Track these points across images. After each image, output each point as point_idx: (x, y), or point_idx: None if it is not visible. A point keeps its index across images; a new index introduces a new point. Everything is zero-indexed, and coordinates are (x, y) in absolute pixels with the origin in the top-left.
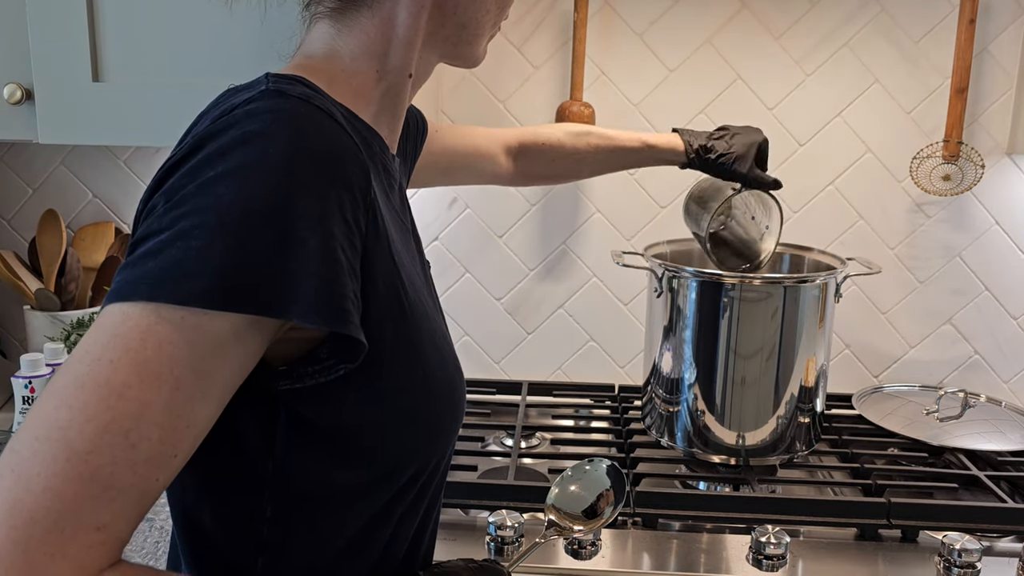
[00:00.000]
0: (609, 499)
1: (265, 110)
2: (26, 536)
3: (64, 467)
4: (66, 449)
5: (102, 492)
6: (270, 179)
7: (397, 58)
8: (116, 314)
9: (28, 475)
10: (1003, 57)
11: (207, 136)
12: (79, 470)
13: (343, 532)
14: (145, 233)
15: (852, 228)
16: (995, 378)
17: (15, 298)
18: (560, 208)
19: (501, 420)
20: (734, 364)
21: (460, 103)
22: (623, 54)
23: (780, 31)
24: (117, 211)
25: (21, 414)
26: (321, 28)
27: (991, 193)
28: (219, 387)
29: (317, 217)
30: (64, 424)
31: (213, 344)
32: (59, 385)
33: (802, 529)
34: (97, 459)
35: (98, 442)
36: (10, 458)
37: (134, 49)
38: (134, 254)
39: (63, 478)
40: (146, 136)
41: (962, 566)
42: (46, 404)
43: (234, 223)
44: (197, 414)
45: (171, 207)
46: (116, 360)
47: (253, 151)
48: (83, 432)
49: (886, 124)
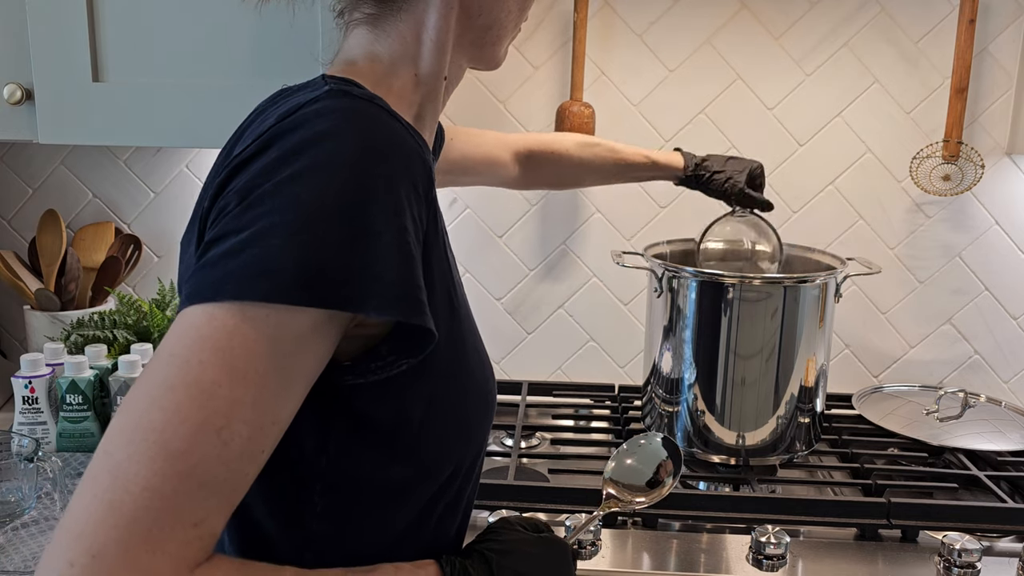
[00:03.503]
0: (668, 469)
1: (333, 109)
2: (128, 535)
3: (162, 466)
4: (162, 450)
5: (198, 489)
6: (344, 177)
7: (432, 61)
8: (200, 315)
9: (126, 476)
10: (1003, 57)
11: (277, 135)
12: (176, 468)
13: (389, 528)
14: (221, 233)
15: (852, 228)
16: (995, 378)
17: (15, 298)
18: (560, 208)
19: (501, 420)
20: (734, 364)
21: (460, 103)
22: (623, 54)
23: (780, 31)
24: (117, 211)
25: (21, 414)
26: (359, 34)
27: (991, 193)
28: (300, 383)
29: (390, 212)
30: (159, 426)
31: (295, 341)
32: (148, 387)
33: (802, 529)
34: (192, 457)
35: (192, 441)
36: (104, 461)
37: (134, 49)
38: (211, 254)
39: (161, 477)
40: (146, 136)
41: (962, 566)
42: (136, 407)
43: (313, 221)
44: (281, 410)
45: (247, 207)
46: (205, 360)
47: (326, 150)
48: (178, 432)
49: (886, 124)
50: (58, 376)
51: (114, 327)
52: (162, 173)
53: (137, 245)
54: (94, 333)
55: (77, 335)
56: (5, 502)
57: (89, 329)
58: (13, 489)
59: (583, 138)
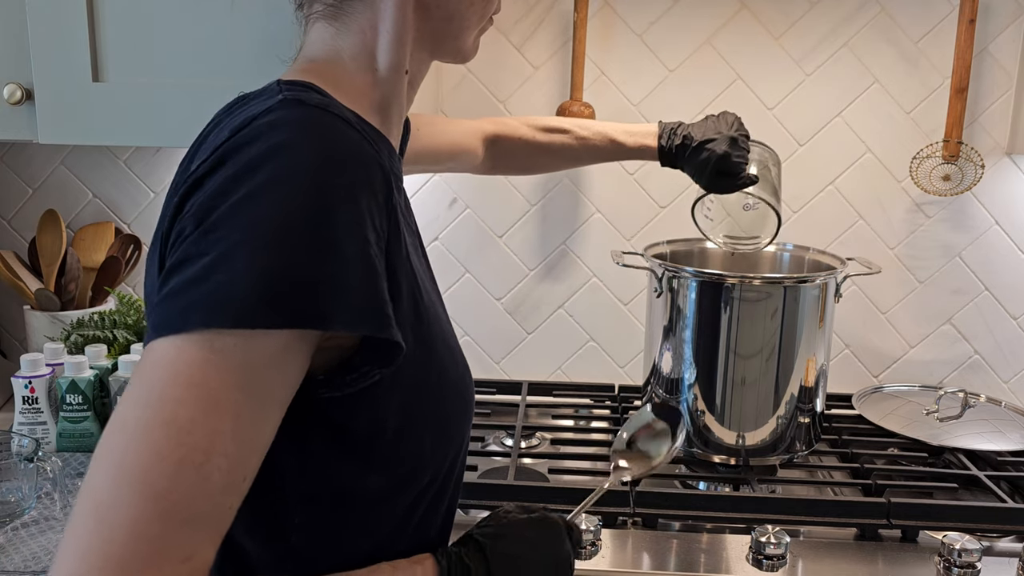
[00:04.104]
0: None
1: (287, 121)
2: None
3: (144, 508)
4: (144, 490)
5: (183, 526)
6: (302, 191)
7: (391, 55)
8: (169, 349)
9: (112, 521)
10: (1003, 57)
11: (231, 150)
12: (160, 508)
13: (369, 535)
14: (182, 258)
15: (852, 228)
16: (995, 378)
17: (15, 298)
18: (560, 208)
19: (501, 420)
20: (734, 364)
21: (460, 103)
22: (623, 54)
23: (780, 31)
24: (117, 211)
25: (21, 414)
26: (319, 29)
27: (991, 193)
28: (276, 406)
29: (353, 224)
30: (139, 467)
31: (268, 365)
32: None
33: (802, 529)
34: (175, 495)
35: (174, 480)
36: (89, 502)
37: (134, 49)
38: (173, 282)
39: (147, 519)
40: (146, 136)
41: (962, 566)
42: (116, 446)
43: (274, 240)
44: (260, 436)
45: (206, 231)
46: (179, 397)
47: (281, 164)
48: (159, 472)
49: (886, 124)
50: (58, 376)
51: (114, 327)
52: (162, 173)
53: (137, 245)
54: (94, 333)
55: (77, 335)
56: (5, 502)
57: (89, 329)
58: (13, 489)
59: (548, 122)
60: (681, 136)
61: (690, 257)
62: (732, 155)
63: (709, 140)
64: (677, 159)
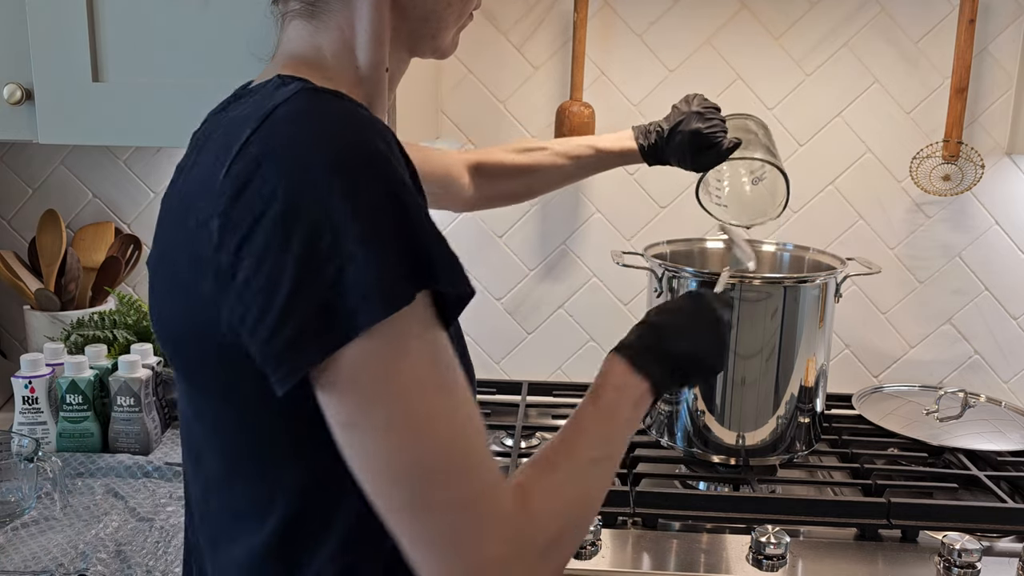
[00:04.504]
0: None
1: (318, 111)
2: (478, 479)
3: (461, 467)
4: (453, 459)
5: (483, 459)
6: (370, 171)
7: (371, 53)
8: (357, 359)
9: (435, 490)
10: (1003, 57)
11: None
12: (469, 462)
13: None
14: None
15: (852, 228)
16: (995, 378)
17: (15, 298)
18: (560, 208)
19: (501, 420)
20: (734, 364)
21: (460, 103)
22: (623, 54)
23: (780, 31)
24: (117, 211)
25: (21, 414)
26: (297, 27)
27: (991, 193)
28: (451, 353)
29: (411, 192)
30: (420, 459)
31: (429, 328)
32: (388, 447)
33: (802, 529)
34: (464, 446)
35: (448, 449)
36: (412, 479)
37: (134, 49)
38: (287, 309)
39: (468, 471)
40: (146, 136)
41: (962, 566)
42: (398, 460)
43: (374, 222)
44: (462, 380)
45: (306, 240)
46: (402, 386)
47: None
48: (437, 449)
49: (886, 124)
50: (58, 376)
51: (114, 327)
52: (162, 173)
53: (137, 245)
54: (94, 333)
55: (77, 335)
56: (5, 502)
57: (89, 329)
58: (13, 489)
59: (525, 143)
60: (654, 132)
61: (690, 257)
62: (703, 129)
63: (678, 124)
64: (661, 154)
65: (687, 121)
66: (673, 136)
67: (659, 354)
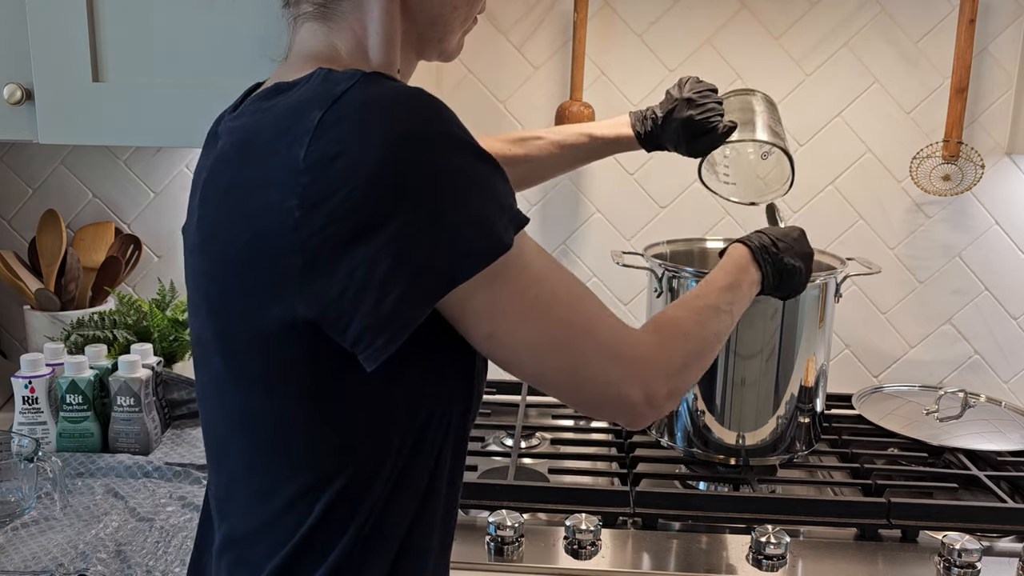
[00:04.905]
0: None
1: (391, 93)
2: (608, 328)
3: (589, 319)
4: (580, 310)
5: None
6: (451, 141)
7: (383, 53)
8: (516, 262)
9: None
10: (1003, 57)
11: (350, 133)
12: (608, 319)
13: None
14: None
15: (852, 228)
16: (995, 378)
17: (15, 298)
18: (560, 208)
19: (501, 420)
20: (734, 364)
21: (460, 103)
22: (623, 54)
23: (780, 31)
24: (117, 211)
25: (21, 414)
26: (311, 28)
27: (991, 193)
28: None
29: (483, 149)
30: (571, 310)
31: (525, 238)
32: (539, 325)
33: (802, 529)
34: (587, 304)
35: (579, 300)
36: (567, 335)
37: (134, 49)
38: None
39: (595, 323)
40: (146, 136)
41: (962, 566)
42: (547, 311)
43: (467, 177)
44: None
45: (428, 208)
46: (547, 269)
47: (425, 127)
48: (578, 306)
49: (886, 124)
50: (58, 376)
51: (114, 327)
52: (162, 173)
53: (137, 245)
54: (94, 333)
55: (77, 335)
56: (5, 502)
57: (89, 329)
58: (13, 489)
59: (519, 133)
60: (649, 118)
61: (690, 257)
62: (695, 116)
63: (671, 111)
64: (657, 140)
65: (679, 109)
66: (668, 124)
67: (774, 257)
